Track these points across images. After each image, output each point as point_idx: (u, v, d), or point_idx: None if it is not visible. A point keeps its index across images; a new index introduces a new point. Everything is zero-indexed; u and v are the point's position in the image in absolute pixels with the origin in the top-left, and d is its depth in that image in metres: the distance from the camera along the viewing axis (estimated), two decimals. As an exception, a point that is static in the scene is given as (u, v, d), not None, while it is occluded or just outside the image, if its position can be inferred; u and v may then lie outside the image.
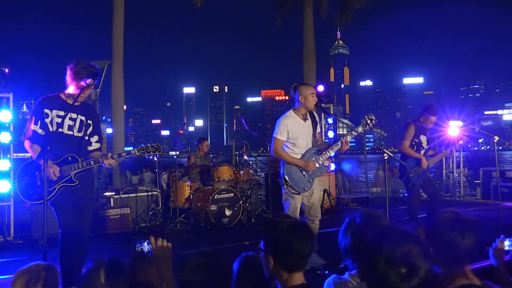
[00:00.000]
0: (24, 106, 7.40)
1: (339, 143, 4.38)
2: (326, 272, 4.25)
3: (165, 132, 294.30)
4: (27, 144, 3.56)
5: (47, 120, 3.53)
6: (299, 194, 4.38)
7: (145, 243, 2.04)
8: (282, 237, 1.76)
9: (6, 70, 6.24)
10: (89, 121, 3.69)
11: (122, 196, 7.49)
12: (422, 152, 5.66)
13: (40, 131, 3.52)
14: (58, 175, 3.45)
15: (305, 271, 1.82)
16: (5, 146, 6.40)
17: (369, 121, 4.37)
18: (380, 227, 1.76)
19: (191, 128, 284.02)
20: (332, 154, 4.51)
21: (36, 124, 3.52)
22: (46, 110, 3.54)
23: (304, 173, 4.39)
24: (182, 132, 8.73)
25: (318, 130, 4.64)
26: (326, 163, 4.55)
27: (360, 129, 4.39)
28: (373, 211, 2.11)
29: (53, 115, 3.54)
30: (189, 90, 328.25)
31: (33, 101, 7.42)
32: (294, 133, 4.40)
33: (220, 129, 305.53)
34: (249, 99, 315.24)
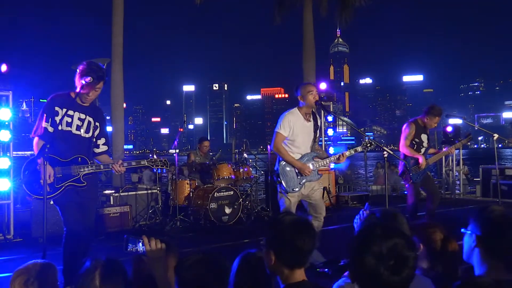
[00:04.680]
0: (24, 104, 7.40)
1: (338, 155, 4.49)
2: (326, 270, 4.26)
3: (165, 130, 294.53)
4: (35, 141, 3.55)
5: (57, 118, 3.52)
6: (287, 192, 4.39)
7: (140, 244, 2.02)
8: (284, 233, 1.77)
9: (4, 68, 6.21)
10: (97, 123, 3.70)
11: (122, 194, 7.49)
12: (423, 150, 5.68)
13: (50, 128, 3.52)
14: (52, 180, 3.42)
15: (305, 268, 1.83)
16: (5, 144, 6.40)
17: (369, 145, 4.60)
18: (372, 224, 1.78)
19: (190, 126, 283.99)
20: (328, 163, 4.57)
21: (47, 121, 3.52)
22: (57, 108, 3.54)
23: (297, 174, 4.40)
24: (181, 130, 8.72)
25: (318, 134, 4.67)
26: (327, 166, 4.60)
27: (359, 148, 4.61)
28: (392, 209, 2.13)
29: (63, 113, 3.54)
30: (188, 88, 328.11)
31: (32, 99, 7.42)
32: (295, 130, 4.42)
33: (219, 127, 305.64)
34: (248, 97, 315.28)
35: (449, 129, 9.40)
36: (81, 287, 1.84)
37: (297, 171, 4.39)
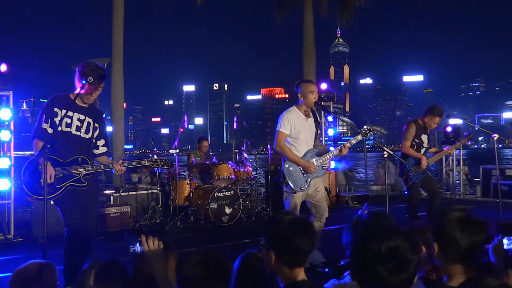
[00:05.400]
0: (24, 104, 7.41)
1: (339, 148, 4.49)
2: (326, 269, 4.26)
3: (165, 130, 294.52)
4: (35, 142, 3.54)
5: (56, 119, 3.52)
6: (295, 192, 4.39)
7: (137, 244, 2.03)
8: (284, 233, 1.77)
9: (4, 67, 6.21)
10: (96, 124, 3.70)
11: (122, 194, 7.49)
12: (423, 150, 5.68)
13: (49, 130, 3.52)
14: (53, 180, 3.41)
15: (305, 268, 1.83)
16: (5, 144, 6.40)
17: (367, 131, 4.55)
18: (369, 224, 1.78)
19: (191, 126, 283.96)
20: (331, 157, 4.56)
21: (46, 122, 3.52)
22: (56, 109, 3.54)
23: (303, 172, 4.40)
24: (182, 130, 8.71)
25: (319, 131, 4.67)
26: (325, 166, 4.58)
27: (359, 137, 4.55)
28: (380, 211, 2.13)
29: (62, 114, 3.54)
30: (189, 88, 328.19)
31: (32, 99, 7.43)
32: (296, 128, 4.42)
33: (220, 127, 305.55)
34: (249, 97, 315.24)
35: (449, 129, 9.41)
36: (77, 285, 1.86)
37: (302, 170, 4.38)
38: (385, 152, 4.51)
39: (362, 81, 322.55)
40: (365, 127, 4.56)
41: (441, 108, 5.69)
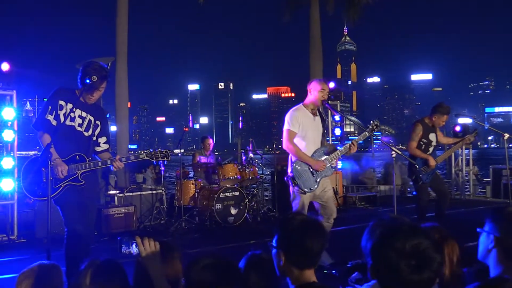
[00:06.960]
0: (28, 103, 7.39)
1: (348, 145, 4.40)
2: (333, 271, 4.19)
3: (170, 130, 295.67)
4: (40, 135, 3.51)
5: (61, 112, 3.49)
6: (305, 193, 4.31)
7: (133, 245, 1.96)
8: (294, 234, 1.76)
9: (6, 66, 6.17)
10: (97, 122, 3.67)
11: (126, 194, 7.45)
12: (431, 149, 5.59)
13: (53, 122, 3.48)
14: (66, 174, 3.41)
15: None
16: (9, 144, 6.37)
17: (374, 126, 4.46)
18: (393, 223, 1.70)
19: (196, 126, 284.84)
20: (340, 156, 4.49)
21: (51, 114, 3.48)
22: (61, 102, 3.51)
23: (312, 172, 4.33)
24: (187, 129, 8.66)
25: (326, 130, 4.63)
26: (334, 164, 4.50)
27: (367, 133, 4.47)
28: (400, 216, 2.06)
29: (67, 108, 3.51)
30: (193, 87, 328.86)
31: (36, 99, 7.40)
32: (304, 126, 4.37)
33: (225, 126, 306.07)
34: (254, 96, 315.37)
35: (457, 128, 9.32)
36: (74, 285, 1.83)
37: (311, 169, 4.32)
38: (393, 152, 4.44)
39: (369, 80, 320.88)
40: (371, 122, 4.49)
41: (448, 106, 5.65)
